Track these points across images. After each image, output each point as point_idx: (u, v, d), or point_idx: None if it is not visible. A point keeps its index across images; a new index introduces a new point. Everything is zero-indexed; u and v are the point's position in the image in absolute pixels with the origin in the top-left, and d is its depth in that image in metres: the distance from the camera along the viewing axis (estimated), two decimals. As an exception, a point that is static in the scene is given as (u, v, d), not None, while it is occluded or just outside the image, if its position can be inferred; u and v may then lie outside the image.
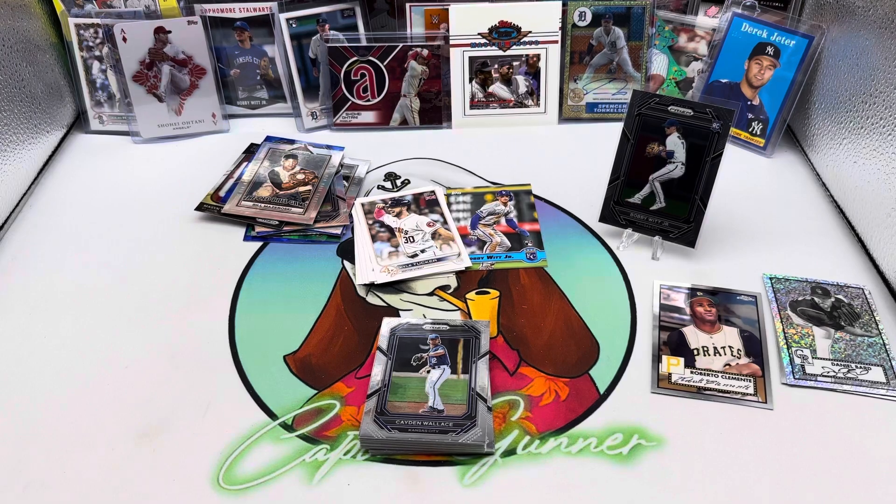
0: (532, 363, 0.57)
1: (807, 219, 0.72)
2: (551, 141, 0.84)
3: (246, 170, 0.76)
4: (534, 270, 0.66)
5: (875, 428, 0.52)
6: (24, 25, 0.76)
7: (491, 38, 0.83)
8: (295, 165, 0.76)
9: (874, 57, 0.65)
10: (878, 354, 0.57)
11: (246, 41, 0.85)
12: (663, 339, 0.59)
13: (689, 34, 0.84)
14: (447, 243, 0.68)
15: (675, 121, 0.64)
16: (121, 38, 0.80)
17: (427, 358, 0.55)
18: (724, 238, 0.69)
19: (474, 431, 0.50)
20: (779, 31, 0.77)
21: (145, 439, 0.51)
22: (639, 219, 0.67)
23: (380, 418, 0.51)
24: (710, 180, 0.64)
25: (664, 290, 0.63)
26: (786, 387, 0.55)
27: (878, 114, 0.64)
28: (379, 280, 0.64)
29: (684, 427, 0.52)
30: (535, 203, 0.74)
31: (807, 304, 0.62)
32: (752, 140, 0.81)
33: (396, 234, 0.69)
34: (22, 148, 0.74)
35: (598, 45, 0.84)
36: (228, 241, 0.69)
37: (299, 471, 0.50)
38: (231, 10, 0.83)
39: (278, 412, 0.54)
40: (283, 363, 0.57)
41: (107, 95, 0.84)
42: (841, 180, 0.72)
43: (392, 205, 0.73)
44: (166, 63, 0.82)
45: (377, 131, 0.86)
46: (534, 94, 0.85)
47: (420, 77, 0.84)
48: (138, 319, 0.61)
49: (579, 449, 0.51)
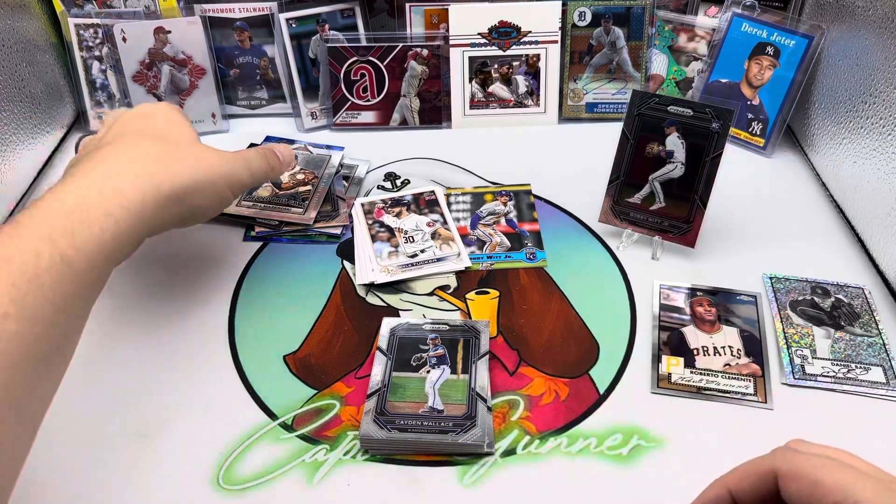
0: (532, 363, 0.57)
1: (807, 218, 0.72)
2: (551, 141, 0.84)
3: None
4: (534, 270, 0.66)
5: (875, 428, 0.52)
6: (23, 25, 0.76)
7: (491, 38, 0.83)
8: (295, 165, 0.76)
9: (874, 57, 0.65)
10: (878, 354, 0.57)
11: (246, 41, 0.85)
12: (663, 339, 0.59)
13: (689, 34, 0.84)
14: (447, 243, 0.68)
15: (674, 121, 0.64)
16: (120, 38, 0.80)
17: (427, 358, 0.55)
18: (724, 238, 0.69)
19: (474, 431, 0.50)
20: (779, 31, 0.77)
21: (145, 439, 0.51)
22: (639, 219, 0.67)
23: (379, 418, 0.51)
24: (709, 180, 0.64)
25: (664, 290, 0.63)
26: (786, 387, 0.55)
27: (878, 114, 0.64)
28: (379, 280, 0.64)
29: (684, 427, 0.52)
30: (534, 203, 0.74)
31: (807, 303, 0.62)
32: (752, 140, 0.81)
33: (396, 234, 0.69)
34: (22, 148, 0.74)
35: (598, 45, 0.84)
36: (228, 241, 0.69)
37: (299, 471, 0.50)
38: (231, 10, 0.83)
39: (278, 412, 0.54)
40: (283, 363, 0.57)
41: (107, 95, 0.84)
42: (841, 180, 0.72)
43: (392, 205, 0.73)
44: (166, 63, 0.82)
45: (377, 131, 0.86)
46: (534, 94, 0.86)
47: (420, 77, 0.84)
48: (138, 319, 0.61)
49: (579, 449, 0.51)
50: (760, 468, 0.35)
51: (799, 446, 0.35)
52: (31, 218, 0.41)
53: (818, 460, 0.33)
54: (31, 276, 0.38)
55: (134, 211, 0.45)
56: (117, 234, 0.44)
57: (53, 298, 0.39)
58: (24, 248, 0.39)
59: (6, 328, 0.36)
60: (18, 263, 0.38)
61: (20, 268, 0.38)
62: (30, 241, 0.39)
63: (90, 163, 0.47)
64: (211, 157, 0.53)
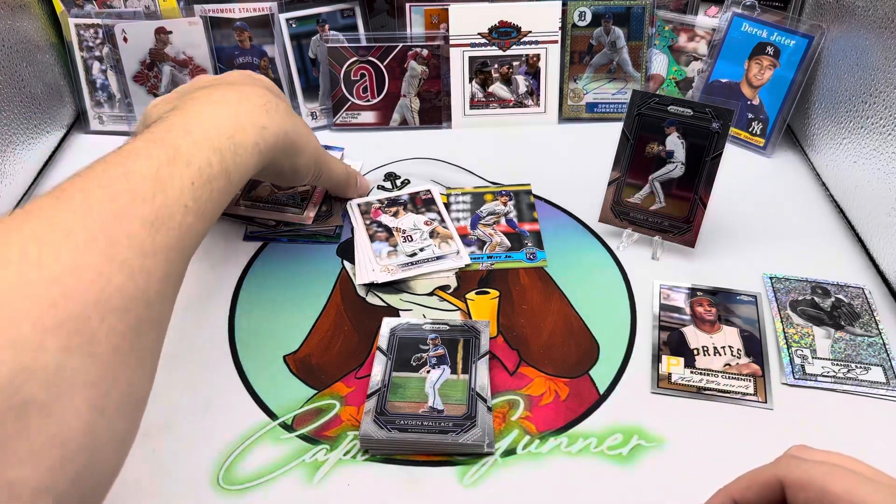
0: (532, 363, 0.57)
1: (807, 218, 0.72)
2: (551, 141, 0.84)
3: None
4: (534, 270, 0.66)
5: (875, 428, 0.52)
6: (24, 25, 0.76)
7: (491, 38, 0.83)
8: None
9: (874, 57, 0.65)
10: (878, 354, 0.57)
11: (246, 41, 0.85)
12: (663, 339, 0.59)
13: (689, 34, 0.84)
14: (445, 241, 0.68)
15: (674, 121, 0.64)
16: (121, 38, 0.80)
17: (427, 358, 0.55)
18: (724, 238, 0.69)
19: (474, 431, 0.50)
20: (779, 31, 0.77)
21: (145, 439, 0.51)
22: (639, 219, 0.67)
23: (379, 418, 0.51)
24: (709, 180, 0.64)
25: (664, 290, 0.63)
26: (786, 387, 0.55)
27: (878, 114, 0.64)
28: (380, 279, 0.64)
29: (684, 427, 0.52)
30: (534, 203, 0.74)
31: (807, 303, 0.62)
32: (752, 140, 0.81)
33: (395, 234, 0.69)
34: (22, 148, 0.74)
35: (598, 45, 0.84)
36: (228, 241, 0.69)
37: (299, 471, 0.50)
38: (231, 10, 0.83)
39: (278, 412, 0.54)
40: (283, 363, 0.57)
41: (107, 95, 0.84)
42: (841, 180, 0.72)
43: (388, 205, 0.73)
44: (167, 63, 0.82)
45: (377, 131, 0.86)
46: (534, 93, 0.86)
47: (420, 77, 0.84)
48: (138, 319, 0.61)
49: (579, 449, 0.51)
50: (765, 477, 0.34)
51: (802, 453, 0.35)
52: (202, 129, 0.47)
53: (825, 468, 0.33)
54: (205, 179, 0.44)
55: (270, 145, 0.52)
56: (258, 163, 0.51)
57: (215, 202, 0.45)
58: (201, 156, 0.45)
59: (186, 220, 0.42)
60: (196, 167, 0.44)
61: (198, 171, 0.44)
62: (205, 151, 0.45)
63: (235, 92, 0.53)
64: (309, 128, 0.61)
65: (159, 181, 0.41)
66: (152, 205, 0.40)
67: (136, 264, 0.37)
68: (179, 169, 0.43)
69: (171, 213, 0.41)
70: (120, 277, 0.36)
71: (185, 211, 0.42)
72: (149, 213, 0.39)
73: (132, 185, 0.40)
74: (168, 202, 0.41)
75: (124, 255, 0.37)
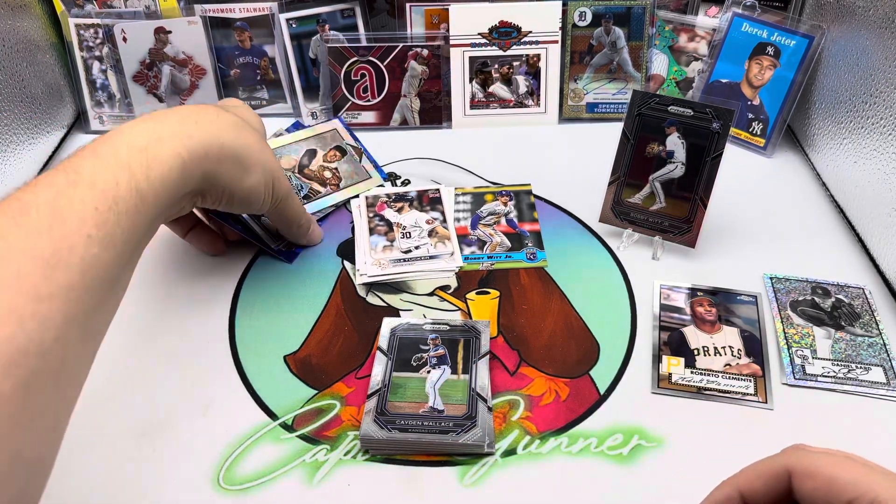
0: (532, 363, 0.57)
1: (807, 218, 0.72)
2: (551, 141, 0.84)
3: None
4: (534, 270, 0.66)
5: (875, 428, 0.52)
6: (24, 25, 0.76)
7: (491, 38, 0.83)
8: (338, 160, 0.75)
9: (874, 57, 0.65)
10: (879, 354, 0.57)
11: (246, 41, 0.85)
12: (664, 339, 0.59)
13: (689, 34, 0.84)
14: (442, 241, 0.68)
15: (675, 121, 0.64)
16: (121, 38, 0.80)
17: (427, 358, 0.55)
18: (724, 238, 0.69)
19: (474, 431, 0.50)
20: (779, 31, 0.77)
21: (145, 439, 0.51)
22: (639, 219, 0.67)
23: (380, 418, 0.51)
24: (710, 180, 0.64)
25: (664, 290, 0.63)
26: (786, 387, 0.55)
27: (878, 114, 0.64)
28: (369, 273, 0.64)
29: (685, 427, 0.52)
30: (535, 203, 0.74)
31: (807, 304, 0.62)
32: (752, 140, 0.81)
33: (395, 229, 0.69)
34: (22, 148, 0.74)
35: (599, 45, 0.84)
36: (228, 241, 0.69)
37: (299, 471, 0.50)
38: (231, 10, 0.83)
39: (278, 412, 0.54)
40: (284, 363, 0.57)
41: (107, 95, 0.84)
42: (841, 180, 0.72)
43: (395, 199, 0.73)
44: (167, 63, 0.82)
45: (377, 131, 0.86)
46: (534, 94, 0.86)
47: (420, 77, 0.84)
48: (138, 319, 0.61)
49: (579, 449, 0.51)
50: (773, 467, 0.34)
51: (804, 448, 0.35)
52: (111, 147, 0.43)
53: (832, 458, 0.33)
54: (110, 202, 0.40)
55: (199, 154, 0.48)
56: (182, 176, 0.46)
57: (125, 227, 0.41)
58: (105, 176, 0.40)
59: (90, 251, 0.37)
60: (100, 189, 0.40)
61: (102, 193, 0.39)
62: (111, 169, 0.41)
63: (164, 111, 0.49)
64: (269, 149, 0.57)
65: (57, 210, 0.37)
66: (49, 238, 0.36)
67: (28, 310, 0.33)
68: (80, 193, 0.39)
69: (71, 245, 0.36)
70: (6, 328, 0.32)
71: (89, 241, 0.37)
72: (44, 249, 0.35)
73: (26, 219, 0.36)
74: (68, 233, 0.37)
75: (12, 301, 0.33)
